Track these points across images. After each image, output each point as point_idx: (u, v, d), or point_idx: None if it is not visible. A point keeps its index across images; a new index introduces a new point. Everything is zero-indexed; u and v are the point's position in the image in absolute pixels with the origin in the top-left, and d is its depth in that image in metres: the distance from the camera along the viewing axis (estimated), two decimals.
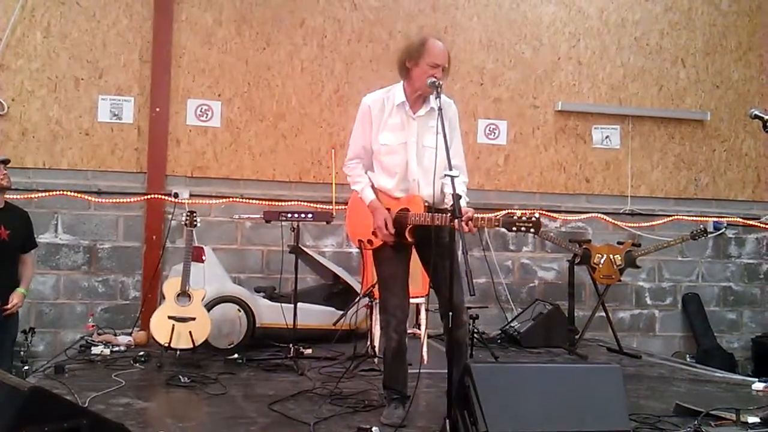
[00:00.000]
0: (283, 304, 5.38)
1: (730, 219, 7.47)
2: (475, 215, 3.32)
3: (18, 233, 4.61)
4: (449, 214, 3.22)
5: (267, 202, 6.44)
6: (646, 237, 7.03)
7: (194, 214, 5.19)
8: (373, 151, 3.68)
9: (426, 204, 3.56)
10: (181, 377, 4.40)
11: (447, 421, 3.03)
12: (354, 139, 3.74)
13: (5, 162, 4.63)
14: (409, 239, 3.59)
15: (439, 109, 3.38)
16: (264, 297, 5.83)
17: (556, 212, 7.11)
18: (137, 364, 4.86)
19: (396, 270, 3.66)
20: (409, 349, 3.72)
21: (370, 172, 3.76)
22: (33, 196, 5.99)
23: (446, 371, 3.22)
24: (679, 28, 7.46)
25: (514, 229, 3.24)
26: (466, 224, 3.25)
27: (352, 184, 3.78)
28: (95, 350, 5.20)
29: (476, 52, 6.95)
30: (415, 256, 3.76)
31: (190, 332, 4.81)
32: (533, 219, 3.22)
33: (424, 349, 4.73)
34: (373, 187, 3.70)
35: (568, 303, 6.23)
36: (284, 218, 5.25)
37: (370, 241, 3.66)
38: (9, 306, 4.49)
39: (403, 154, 3.60)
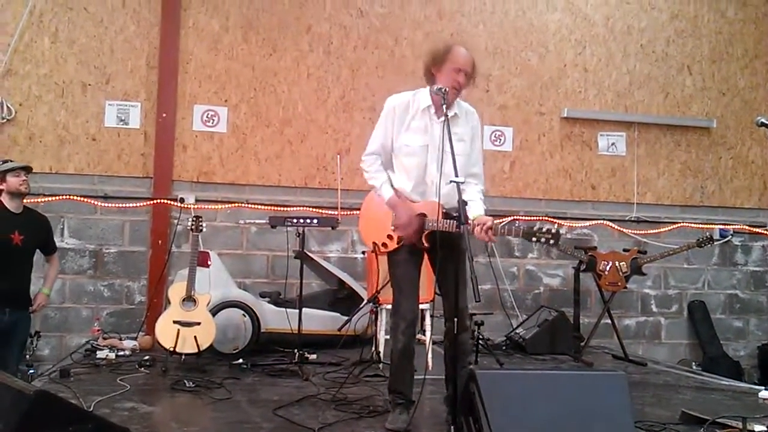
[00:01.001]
0: (288, 310, 5.39)
1: (736, 227, 7.45)
2: (495, 224, 3.36)
3: (32, 238, 4.66)
4: (464, 221, 3.24)
5: (272, 208, 6.45)
6: (652, 244, 7.02)
7: (200, 219, 5.20)
8: (393, 150, 3.68)
9: (443, 210, 3.55)
10: (185, 382, 4.40)
11: (452, 427, 3.03)
12: (375, 136, 3.73)
13: (26, 169, 4.70)
14: (425, 244, 3.59)
15: (445, 115, 3.39)
16: (269, 302, 5.84)
17: (561, 219, 7.10)
18: (142, 369, 4.86)
19: (409, 273, 3.66)
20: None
21: (389, 171, 3.74)
22: (39, 200, 6.01)
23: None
24: (685, 35, 7.47)
25: (534, 239, 3.31)
26: (486, 233, 3.29)
27: (369, 179, 3.73)
28: (100, 354, 5.20)
29: (482, 59, 6.89)
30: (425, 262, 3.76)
31: (195, 337, 4.82)
32: (553, 231, 3.28)
33: (429, 355, 4.72)
34: (391, 185, 3.69)
35: (573, 310, 6.21)
36: (289, 224, 5.26)
37: (384, 244, 3.66)
38: (34, 307, 4.72)
39: (423, 156, 3.60)
